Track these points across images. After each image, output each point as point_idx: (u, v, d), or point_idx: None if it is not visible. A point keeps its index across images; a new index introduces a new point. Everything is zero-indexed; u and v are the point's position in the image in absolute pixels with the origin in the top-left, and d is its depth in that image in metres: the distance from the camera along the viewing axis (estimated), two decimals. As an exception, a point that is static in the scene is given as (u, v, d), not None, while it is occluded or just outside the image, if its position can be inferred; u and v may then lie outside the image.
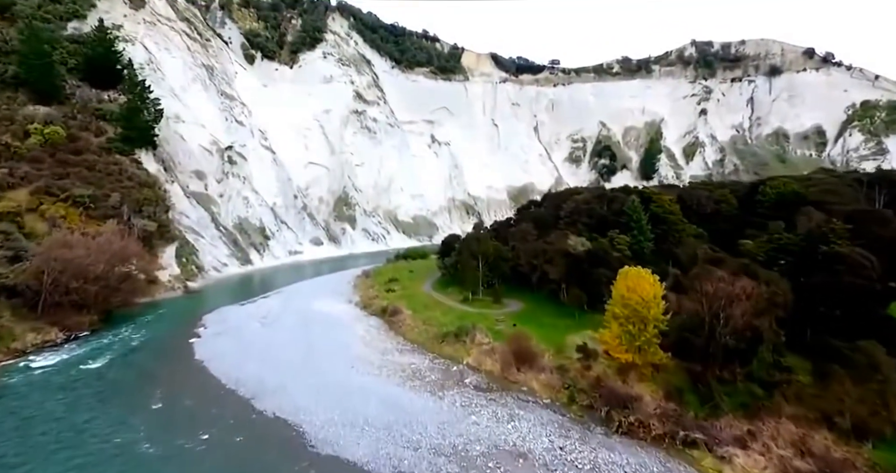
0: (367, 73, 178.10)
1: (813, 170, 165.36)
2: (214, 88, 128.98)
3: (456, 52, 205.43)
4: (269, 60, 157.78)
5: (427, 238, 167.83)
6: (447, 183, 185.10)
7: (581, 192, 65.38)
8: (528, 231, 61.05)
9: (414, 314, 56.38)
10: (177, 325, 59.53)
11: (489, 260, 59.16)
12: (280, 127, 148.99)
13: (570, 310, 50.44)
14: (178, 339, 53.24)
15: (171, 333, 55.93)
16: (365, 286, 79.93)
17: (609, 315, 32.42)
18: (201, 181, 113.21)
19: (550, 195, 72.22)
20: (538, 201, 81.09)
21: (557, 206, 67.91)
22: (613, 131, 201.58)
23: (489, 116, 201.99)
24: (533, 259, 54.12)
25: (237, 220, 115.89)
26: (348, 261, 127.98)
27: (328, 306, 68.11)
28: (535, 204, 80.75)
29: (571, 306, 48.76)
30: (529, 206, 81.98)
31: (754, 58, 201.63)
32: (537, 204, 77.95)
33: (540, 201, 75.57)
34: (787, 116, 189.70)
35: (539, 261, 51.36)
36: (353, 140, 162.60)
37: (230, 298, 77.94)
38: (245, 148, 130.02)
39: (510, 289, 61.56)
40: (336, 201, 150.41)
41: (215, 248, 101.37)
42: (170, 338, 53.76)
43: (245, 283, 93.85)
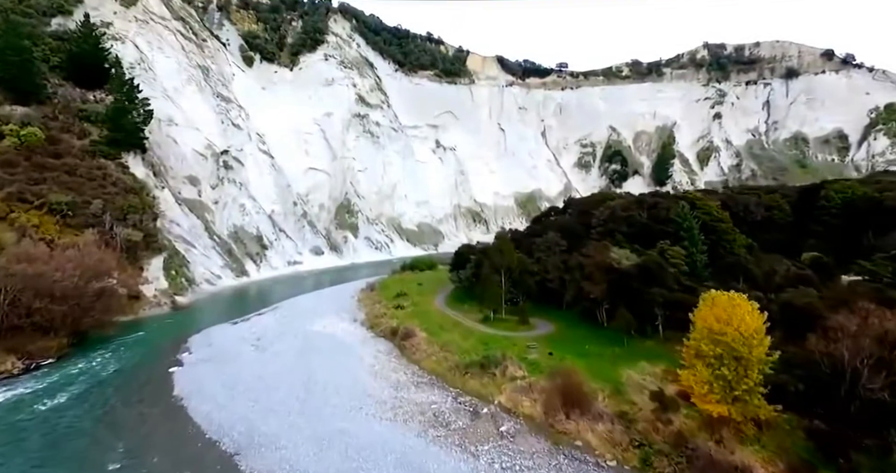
0: (370, 76, 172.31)
1: (837, 175, 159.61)
2: (210, 89, 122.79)
3: (461, 55, 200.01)
4: (269, 62, 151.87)
5: (432, 247, 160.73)
6: (452, 189, 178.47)
7: (613, 197, 58.53)
8: (554, 242, 54.05)
9: (429, 336, 49.13)
10: (158, 349, 52.29)
11: (513, 275, 52.01)
12: (279, 131, 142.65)
13: (611, 334, 43.24)
14: (156, 367, 45.96)
15: (149, 359, 48.67)
16: (370, 302, 72.70)
17: (690, 353, 25.31)
18: (195, 187, 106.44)
19: (575, 201, 65.44)
20: (559, 208, 74.19)
21: (585, 213, 60.98)
22: (624, 136, 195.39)
23: (495, 121, 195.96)
24: (564, 274, 47.09)
25: (232, 228, 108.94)
26: (350, 272, 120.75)
27: (330, 325, 60.82)
28: (555, 211, 73.85)
29: (616, 330, 41.54)
30: (549, 213, 75.14)
31: (770, 60, 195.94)
32: (559, 211, 71.07)
33: (563, 208, 68.71)
34: (806, 120, 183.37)
35: (574, 276, 44.34)
36: (356, 145, 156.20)
37: (222, 315, 70.73)
38: (242, 152, 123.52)
39: (535, 307, 54.41)
40: (337, 208, 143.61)
41: (208, 258, 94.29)
42: (147, 366, 46.46)
43: (239, 297, 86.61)
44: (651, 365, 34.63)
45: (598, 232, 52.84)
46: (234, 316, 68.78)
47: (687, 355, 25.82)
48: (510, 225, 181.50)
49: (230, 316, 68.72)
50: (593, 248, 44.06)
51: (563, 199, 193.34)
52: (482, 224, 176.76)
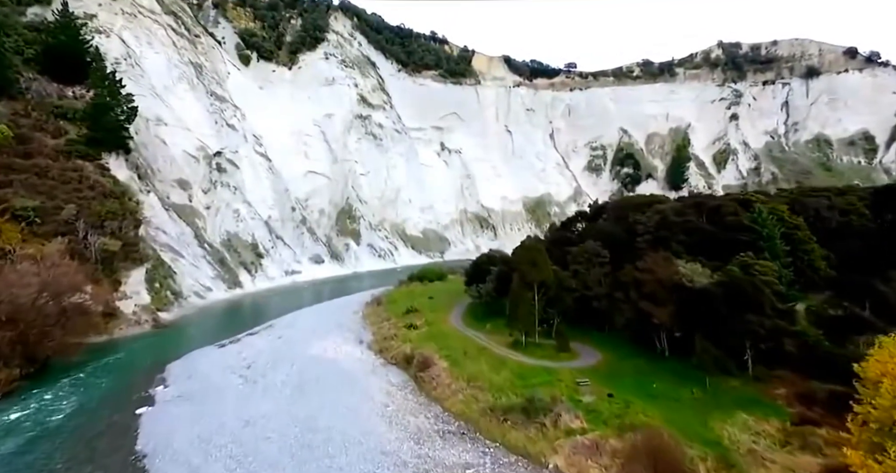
0: (372, 75, 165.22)
1: (865, 179, 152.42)
2: (203, 87, 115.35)
3: (466, 55, 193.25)
4: (266, 61, 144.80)
5: (438, 254, 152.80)
6: (458, 194, 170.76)
7: (662, 200, 50.88)
8: (594, 252, 46.11)
9: (451, 366, 41.02)
10: (129, 380, 44.17)
11: (549, 291, 44.02)
12: (277, 132, 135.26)
13: (676, 367, 35.30)
14: (121, 407, 37.80)
15: (115, 395, 40.51)
16: (377, 318, 64.56)
17: (871, 428, 17.27)
18: (185, 192, 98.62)
19: (612, 205, 57.64)
20: (587, 213, 66.18)
21: (623, 218, 53.14)
22: (635, 138, 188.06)
23: (502, 123, 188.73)
24: (613, 291, 39.15)
25: (225, 236, 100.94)
26: (353, 282, 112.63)
27: (332, 348, 52.65)
28: (584, 216, 65.87)
29: (680, 360, 33.49)
30: (577, 218, 67.19)
31: (788, 59, 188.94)
32: (590, 216, 63.08)
33: (595, 212, 60.74)
34: (828, 121, 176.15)
35: (628, 295, 36.42)
36: (357, 147, 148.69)
37: (209, 334, 62.59)
38: (237, 155, 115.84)
39: (572, 329, 46.44)
40: (338, 213, 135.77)
41: (197, 269, 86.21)
42: (111, 405, 38.31)
43: (231, 312, 78.40)
44: (753, 419, 26.51)
45: (645, 241, 44.98)
46: (223, 336, 60.61)
47: (860, 429, 17.79)
48: (519, 231, 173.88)
49: (218, 336, 60.55)
50: (652, 261, 36.26)
51: (573, 203, 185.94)
52: (489, 230, 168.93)
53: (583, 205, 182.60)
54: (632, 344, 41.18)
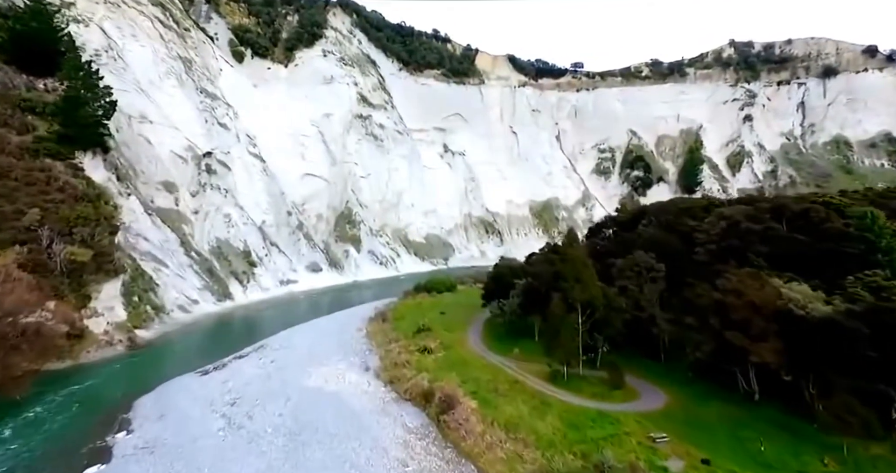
0: (372, 74, 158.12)
1: (890, 182, 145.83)
2: (193, 84, 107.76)
3: (469, 54, 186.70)
4: (261, 58, 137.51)
5: (442, 261, 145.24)
6: (462, 198, 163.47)
7: (721, 203, 43.48)
8: (647, 265, 38.67)
9: (482, 407, 33.43)
10: (85, 423, 36.28)
11: (596, 313, 36.53)
12: (272, 132, 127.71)
13: (774, 415, 27.74)
14: (66, 464, 29.88)
15: (64, 445, 32.61)
16: (384, 337, 56.74)
17: None
18: (171, 195, 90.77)
19: (655, 209, 50.19)
20: (621, 218, 58.67)
21: (672, 224, 45.76)
22: (645, 141, 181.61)
23: (507, 124, 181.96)
24: (683, 316, 31.76)
25: (215, 242, 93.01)
26: (353, 292, 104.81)
27: (334, 377, 44.85)
28: (619, 222, 58.39)
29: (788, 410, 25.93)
30: (608, 223, 59.81)
31: (804, 58, 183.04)
32: (626, 222, 55.60)
33: (633, 217, 53.28)
34: (847, 122, 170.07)
35: (711, 323, 28.98)
36: (357, 148, 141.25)
37: (191, 357, 54.73)
38: (229, 155, 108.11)
39: (620, 357, 38.84)
40: (337, 218, 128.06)
41: (183, 280, 78.22)
42: (53, 461, 30.40)
43: (219, 329, 70.43)
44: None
45: (708, 252, 37.62)
46: (208, 359, 52.75)
47: None
48: (526, 236, 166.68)
49: (202, 360, 52.67)
50: (738, 279, 28.87)
51: (581, 208, 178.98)
52: (495, 236, 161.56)
53: (591, 209, 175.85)
54: (702, 381, 33.65)
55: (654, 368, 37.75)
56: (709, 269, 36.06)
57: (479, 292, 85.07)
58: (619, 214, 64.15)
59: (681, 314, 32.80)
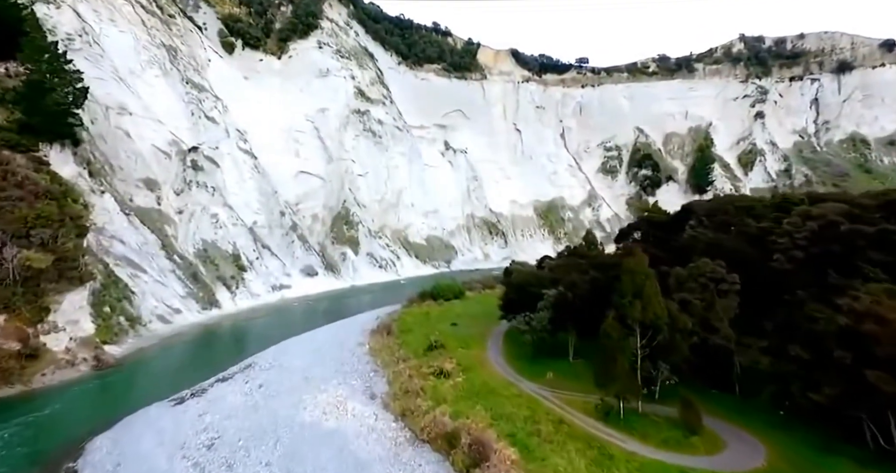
0: (370, 68, 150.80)
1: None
2: (178, 74, 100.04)
3: (471, 48, 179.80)
4: (253, 49, 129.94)
5: (444, 263, 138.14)
6: (465, 197, 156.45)
7: (799, 199, 36.72)
8: (717, 276, 31.80)
9: (524, 459, 26.33)
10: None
11: (660, 336, 29.58)
12: (264, 127, 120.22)
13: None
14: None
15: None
16: (390, 355, 49.50)
17: None
18: (152, 193, 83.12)
19: (705, 207, 42.94)
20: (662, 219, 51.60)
21: (732, 226, 38.92)
22: (652, 138, 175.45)
23: (510, 121, 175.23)
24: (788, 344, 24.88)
25: (201, 245, 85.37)
26: (352, 298, 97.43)
27: (334, 408, 37.61)
28: (653, 224, 51.46)
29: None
30: (639, 226, 52.95)
31: (817, 53, 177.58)
32: (668, 223, 48.61)
33: (676, 217, 46.25)
34: (864, 119, 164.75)
35: (837, 356, 22.09)
36: (355, 145, 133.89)
37: (167, 379, 47.40)
38: (217, 151, 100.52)
39: (685, 388, 31.87)
40: (334, 219, 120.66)
41: (164, 286, 70.60)
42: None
43: (202, 342, 62.87)
44: None
45: (792, 259, 30.74)
46: (185, 382, 45.33)
47: None
48: (531, 238, 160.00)
49: (178, 383, 45.25)
50: (874, 300, 21.96)
51: (587, 208, 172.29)
52: (499, 237, 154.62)
53: (598, 210, 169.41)
54: (803, 425, 26.66)
55: (728, 403, 30.82)
56: (797, 280, 29.17)
57: (492, 299, 78.31)
58: (649, 213, 57.36)
59: (778, 340, 25.96)
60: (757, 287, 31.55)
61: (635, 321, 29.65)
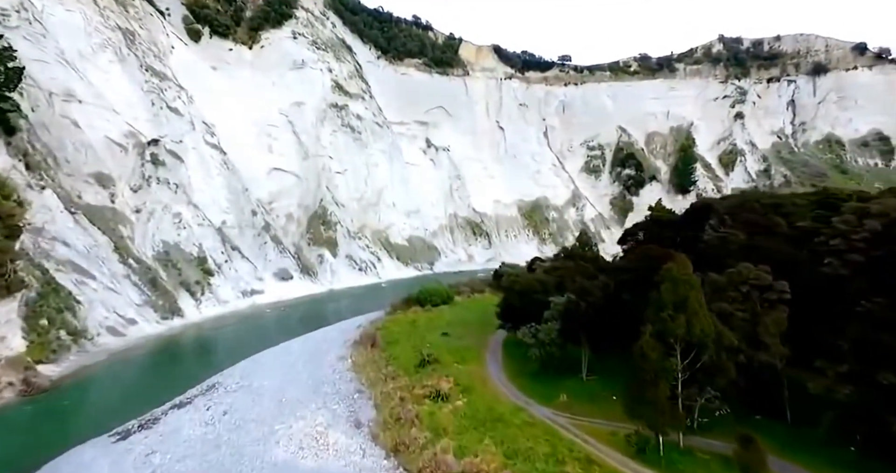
0: (348, 61, 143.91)
1: (885, 182, 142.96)
2: (136, 60, 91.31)
3: (453, 43, 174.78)
4: (221, 38, 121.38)
5: (427, 265, 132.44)
6: (447, 197, 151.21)
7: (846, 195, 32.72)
8: (763, 282, 27.49)
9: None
10: None
11: (705, 356, 24.96)
12: (235, 121, 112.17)
13: None
14: None
15: None
16: (376, 372, 43.70)
17: None
18: (105, 190, 74.71)
19: (728, 204, 38.54)
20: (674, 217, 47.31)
21: (764, 225, 34.85)
22: (635, 138, 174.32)
23: (493, 118, 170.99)
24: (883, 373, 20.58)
25: (161, 247, 77.33)
26: (330, 304, 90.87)
27: (312, 441, 31.70)
28: (663, 224, 47.25)
29: None
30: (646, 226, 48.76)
31: (793, 55, 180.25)
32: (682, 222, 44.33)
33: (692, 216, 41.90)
34: (839, 121, 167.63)
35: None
36: (332, 141, 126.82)
37: (110, 406, 40.55)
38: (181, 145, 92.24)
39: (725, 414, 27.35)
40: (310, 218, 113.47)
41: (116, 294, 62.74)
42: None
43: (159, 358, 55.47)
44: None
45: (848, 263, 26.68)
46: (134, 409, 38.57)
47: None
48: (516, 238, 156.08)
49: (125, 410, 38.44)
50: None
51: (571, 208, 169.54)
52: (483, 238, 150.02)
53: (582, 209, 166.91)
54: (888, 466, 22.41)
55: (779, 433, 26.39)
56: (856, 288, 25.08)
57: (482, 304, 73.50)
58: (655, 213, 53.33)
59: (857, 364, 21.68)
60: (806, 296, 27.34)
61: (678, 339, 24.89)
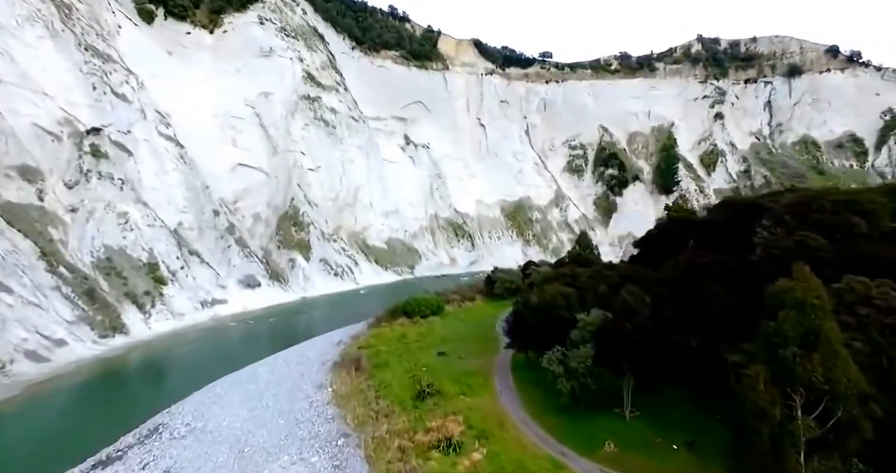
0: (321, 50, 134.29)
1: (860, 183, 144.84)
2: (73, 38, 79.63)
3: (431, 36, 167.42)
4: (178, 20, 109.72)
5: (407, 269, 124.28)
6: (427, 196, 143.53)
7: None
8: (887, 304, 21.19)
9: None
10: None
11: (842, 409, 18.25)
12: (194, 112, 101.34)
13: None
14: None
15: None
16: (364, 407, 35.67)
17: None
18: (31, 185, 63.48)
19: (784, 203, 32.71)
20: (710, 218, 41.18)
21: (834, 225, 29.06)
22: (617, 138, 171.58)
23: (474, 115, 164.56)
24: None
25: (102, 253, 66.38)
26: (303, 315, 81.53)
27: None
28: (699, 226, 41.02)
29: None
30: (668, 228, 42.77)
31: (769, 56, 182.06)
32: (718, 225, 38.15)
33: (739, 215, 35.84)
34: (814, 123, 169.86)
35: None
36: (304, 135, 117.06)
37: (14, 460, 30.74)
38: (129, 136, 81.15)
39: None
40: (280, 219, 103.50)
41: (40, 311, 52.09)
42: None
43: (87, 393, 45.20)
44: None
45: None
46: (41, 470, 29.05)
47: None
48: (499, 240, 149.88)
49: (31, 466, 28.87)
50: None
51: (555, 208, 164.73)
52: (465, 239, 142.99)
53: (566, 210, 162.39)
54: None
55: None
56: None
57: (477, 314, 66.21)
58: (674, 212, 47.48)
59: None
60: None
61: (808, 387, 18.10)
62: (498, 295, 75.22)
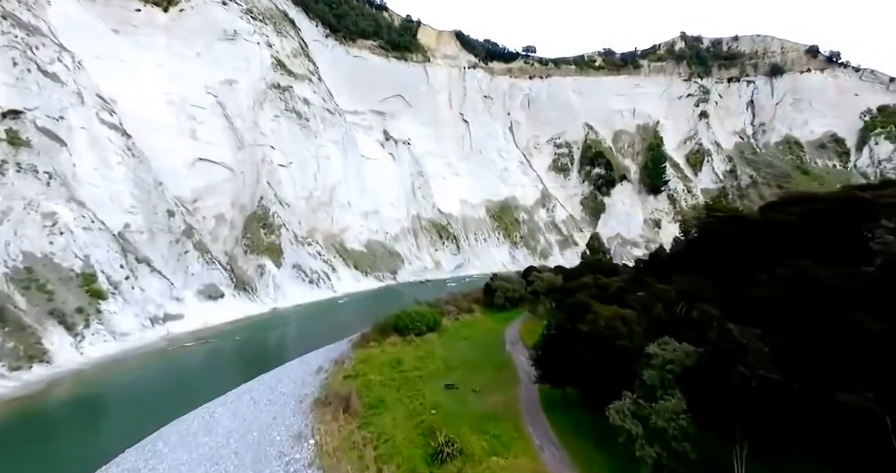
0: (292, 36, 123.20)
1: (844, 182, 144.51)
2: (-9, 2, 66.34)
3: (410, 26, 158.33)
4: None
5: (389, 275, 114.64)
6: (409, 196, 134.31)
7: None
8: None
9: None
10: None
11: None
12: (145, 98, 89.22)
13: None
14: None
15: None
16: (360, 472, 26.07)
17: None
18: (-75, 179, 50.48)
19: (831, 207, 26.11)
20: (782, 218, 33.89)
21: None
22: (602, 136, 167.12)
23: (457, 111, 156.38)
24: None
25: (20, 262, 54.17)
26: (275, 330, 70.86)
27: None
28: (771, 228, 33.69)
29: None
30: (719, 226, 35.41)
31: (751, 56, 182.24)
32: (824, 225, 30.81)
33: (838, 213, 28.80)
34: (795, 122, 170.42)
35: None
36: (274, 128, 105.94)
37: None
38: (62, 123, 68.62)
39: None
40: (247, 221, 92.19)
41: (-75, 341, 39.82)
42: None
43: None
44: None
45: None
46: None
47: None
48: (485, 242, 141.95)
49: None
50: None
51: (541, 209, 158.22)
52: (450, 242, 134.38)
53: (552, 210, 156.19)
54: None
55: None
56: None
57: (479, 330, 57.69)
58: (716, 211, 40.38)
59: None
60: None
61: None
62: (498, 306, 67.19)
